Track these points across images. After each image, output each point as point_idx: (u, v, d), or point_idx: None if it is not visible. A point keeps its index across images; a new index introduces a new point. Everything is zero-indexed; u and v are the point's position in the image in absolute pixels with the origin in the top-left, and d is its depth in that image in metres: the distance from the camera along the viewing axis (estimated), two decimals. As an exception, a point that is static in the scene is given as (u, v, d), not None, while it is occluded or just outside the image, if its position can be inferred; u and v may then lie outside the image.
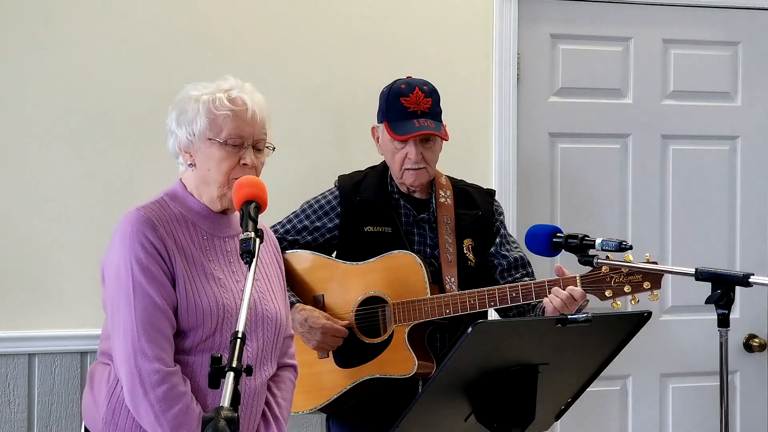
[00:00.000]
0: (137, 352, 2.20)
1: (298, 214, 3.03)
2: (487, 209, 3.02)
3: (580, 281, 2.70)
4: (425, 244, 2.95)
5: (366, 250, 2.92)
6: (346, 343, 2.89)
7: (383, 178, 3.01)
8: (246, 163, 2.31)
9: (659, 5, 3.77)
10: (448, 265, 2.90)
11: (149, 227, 2.26)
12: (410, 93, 2.90)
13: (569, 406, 2.22)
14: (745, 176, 3.86)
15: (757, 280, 2.12)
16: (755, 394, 3.89)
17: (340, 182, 3.04)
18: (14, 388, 3.21)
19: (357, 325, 2.91)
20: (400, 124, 2.88)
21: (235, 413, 1.59)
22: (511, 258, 2.98)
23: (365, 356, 2.89)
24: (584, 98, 3.73)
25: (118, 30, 3.29)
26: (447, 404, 2.00)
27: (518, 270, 2.97)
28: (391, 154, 2.93)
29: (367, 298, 2.91)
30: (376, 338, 2.89)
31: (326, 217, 3.00)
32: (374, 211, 2.96)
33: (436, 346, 2.92)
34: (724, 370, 2.13)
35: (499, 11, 3.57)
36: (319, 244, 3.00)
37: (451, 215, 2.97)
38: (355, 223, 2.96)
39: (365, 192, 2.99)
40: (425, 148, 2.90)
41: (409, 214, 2.97)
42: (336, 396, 2.90)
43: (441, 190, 3.00)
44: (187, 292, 2.27)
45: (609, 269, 2.67)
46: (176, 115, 2.36)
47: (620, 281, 2.67)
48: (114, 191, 3.27)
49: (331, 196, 3.02)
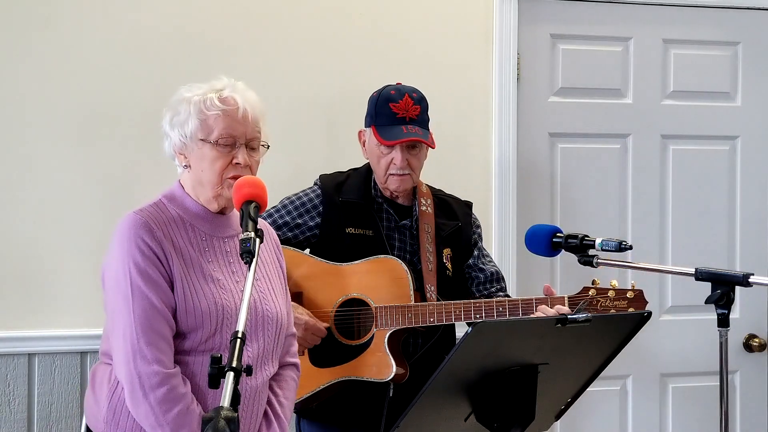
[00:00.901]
0: (137, 354, 2.20)
1: (279, 209, 3.00)
2: (465, 221, 3.05)
3: (568, 302, 2.74)
4: (405, 250, 2.96)
5: (346, 251, 2.91)
6: (321, 343, 2.88)
7: (367, 180, 3.01)
8: (239, 162, 2.31)
9: (659, 5, 3.77)
10: (429, 273, 2.92)
11: (146, 230, 2.26)
12: (400, 99, 2.91)
13: (569, 406, 2.22)
14: (745, 176, 3.86)
15: (757, 280, 2.12)
16: (755, 394, 3.89)
17: (322, 181, 3.03)
18: (14, 388, 3.21)
19: (335, 326, 2.90)
20: (388, 129, 2.89)
21: (235, 413, 1.60)
22: (488, 272, 3.02)
23: (341, 357, 2.88)
24: (584, 98, 3.73)
25: (118, 31, 3.29)
26: (447, 404, 2.00)
27: (493, 284, 3.02)
28: (376, 159, 2.93)
29: (347, 300, 2.90)
30: (354, 340, 2.89)
31: (308, 215, 2.98)
32: (356, 213, 2.96)
33: (408, 351, 2.93)
34: (724, 370, 2.13)
35: (499, 11, 3.57)
36: (299, 242, 2.99)
37: (431, 224, 2.98)
38: (337, 224, 2.95)
39: (348, 193, 2.98)
40: (411, 154, 2.91)
41: (392, 219, 2.98)
42: (308, 395, 2.88)
43: (422, 198, 3.01)
44: (186, 294, 2.27)
45: (596, 292, 2.74)
46: (170, 117, 2.37)
47: (606, 305, 2.74)
48: (114, 192, 3.27)
49: (313, 195, 3.00)
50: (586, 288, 2.76)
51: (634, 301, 2.73)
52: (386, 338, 2.83)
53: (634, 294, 2.74)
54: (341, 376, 2.87)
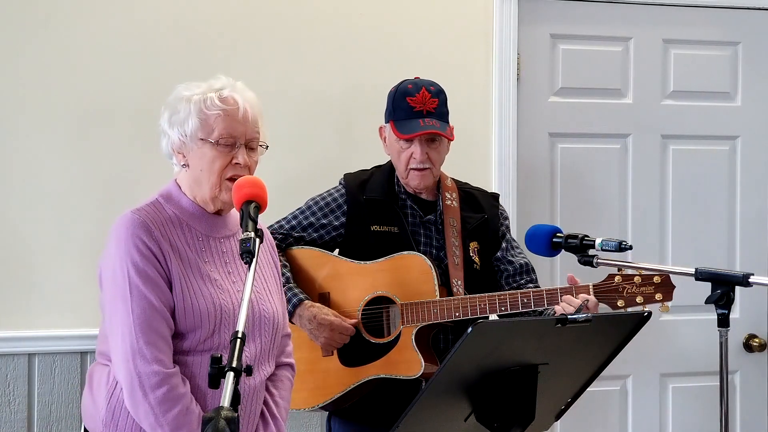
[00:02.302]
0: (136, 354, 2.20)
1: (303, 211, 3.02)
2: (492, 213, 3.03)
3: (593, 290, 2.70)
4: (431, 245, 2.95)
5: (372, 249, 2.92)
6: (350, 342, 2.89)
7: (390, 177, 3.01)
8: (238, 163, 2.31)
9: (659, 5, 3.77)
10: (455, 268, 2.91)
11: (144, 230, 2.26)
12: (416, 93, 2.90)
13: (569, 406, 2.22)
14: (745, 176, 3.86)
15: (757, 280, 2.13)
16: (755, 394, 3.89)
17: (346, 180, 3.03)
18: (14, 388, 3.21)
19: (363, 325, 2.91)
20: (406, 123, 2.89)
21: (235, 413, 1.60)
22: (517, 264, 2.99)
23: (370, 356, 2.89)
24: (584, 98, 3.73)
25: (118, 30, 3.29)
26: (447, 404, 2.00)
27: (523, 276, 2.99)
28: (396, 154, 2.94)
29: (373, 298, 2.91)
30: (382, 338, 2.89)
31: (332, 215, 3.00)
32: (381, 211, 2.96)
33: (440, 347, 2.93)
34: (724, 370, 2.13)
35: (499, 11, 3.57)
36: (325, 242, 3.00)
37: (457, 218, 2.97)
38: (362, 222, 2.96)
39: (372, 191, 2.99)
40: (431, 148, 2.91)
41: (416, 215, 2.97)
42: (339, 394, 2.89)
43: (447, 192, 3.00)
44: (184, 294, 2.26)
45: (622, 279, 2.68)
46: (168, 115, 2.36)
47: (632, 291, 2.67)
48: (114, 191, 3.27)
49: (337, 194, 3.01)
50: (612, 275, 2.69)
51: (661, 285, 2.66)
52: (413, 335, 2.83)
53: (661, 279, 2.67)
54: (371, 374, 2.87)
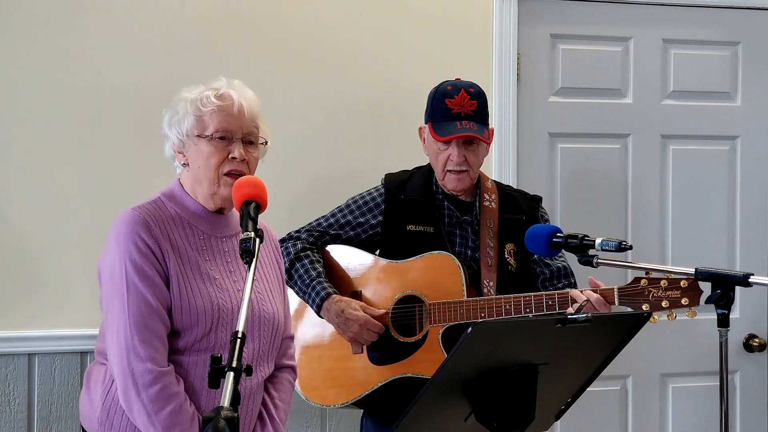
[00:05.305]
0: (130, 351, 2.20)
1: (342, 209, 3.05)
2: (532, 215, 3.02)
3: (617, 294, 2.65)
4: (467, 246, 2.96)
5: (407, 248, 2.93)
6: (380, 341, 2.90)
7: (429, 178, 3.02)
8: (235, 157, 2.31)
9: (659, 5, 3.77)
10: (488, 268, 2.90)
11: (143, 227, 2.26)
12: (455, 95, 2.90)
13: (569, 406, 2.22)
14: (745, 176, 3.86)
15: (757, 280, 2.12)
16: (755, 394, 3.89)
17: (386, 180, 3.05)
18: (14, 388, 3.21)
19: (392, 323, 2.92)
20: (443, 125, 2.89)
21: (235, 413, 1.59)
22: (554, 267, 2.98)
23: (398, 355, 2.89)
24: (584, 98, 3.73)
25: (120, 31, 3.29)
26: (447, 404, 2.00)
27: (560, 280, 2.97)
28: (434, 155, 2.95)
29: (404, 297, 2.92)
30: (410, 337, 2.90)
31: (369, 214, 3.02)
32: (417, 211, 2.97)
33: None
34: (724, 370, 2.13)
35: (499, 11, 3.58)
36: (362, 240, 3.02)
37: (494, 219, 2.96)
38: (398, 222, 2.97)
39: (410, 191, 3.00)
40: (468, 150, 2.90)
41: (452, 215, 2.98)
42: (368, 392, 2.91)
43: (486, 193, 3.00)
44: (182, 292, 2.26)
45: (648, 282, 2.61)
46: (168, 117, 2.39)
47: (658, 295, 2.60)
48: (114, 191, 3.27)
49: (376, 194, 3.04)
50: (638, 279, 2.62)
51: (688, 290, 2.56)
52: (440, 334, 2.84)
53: (687, 283, 2.57)
54: (397, 373, 2.87)
